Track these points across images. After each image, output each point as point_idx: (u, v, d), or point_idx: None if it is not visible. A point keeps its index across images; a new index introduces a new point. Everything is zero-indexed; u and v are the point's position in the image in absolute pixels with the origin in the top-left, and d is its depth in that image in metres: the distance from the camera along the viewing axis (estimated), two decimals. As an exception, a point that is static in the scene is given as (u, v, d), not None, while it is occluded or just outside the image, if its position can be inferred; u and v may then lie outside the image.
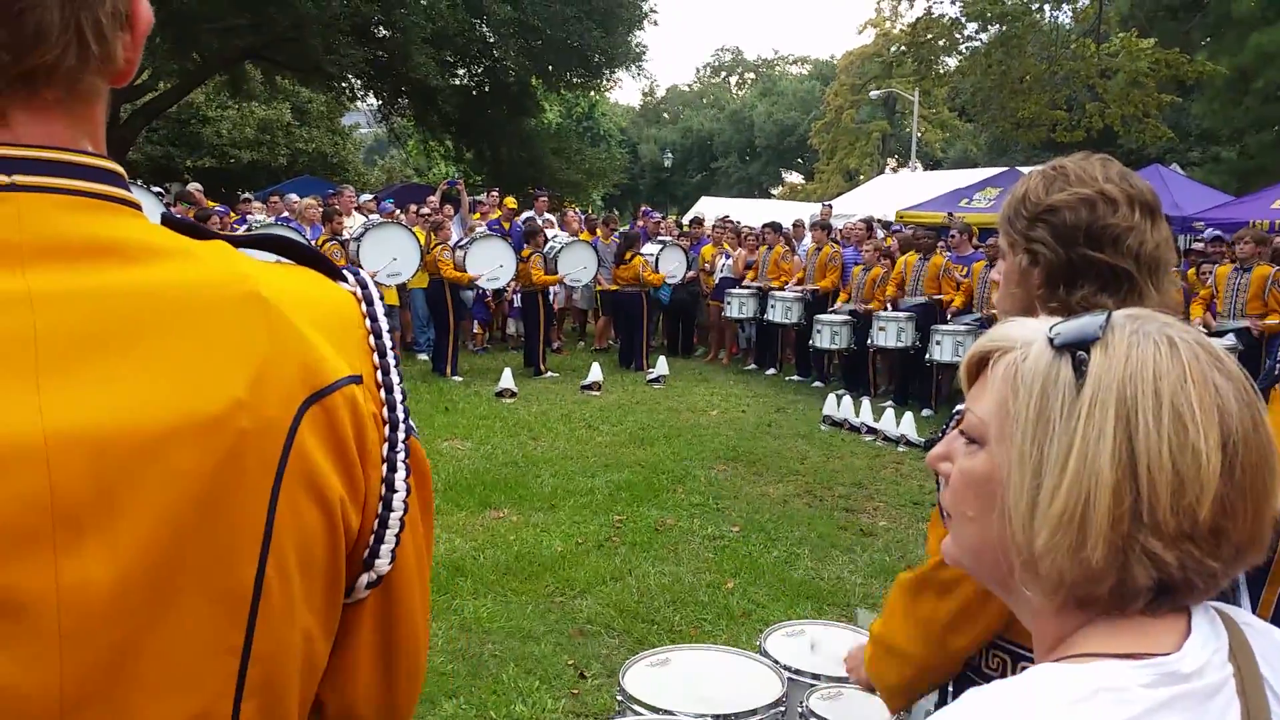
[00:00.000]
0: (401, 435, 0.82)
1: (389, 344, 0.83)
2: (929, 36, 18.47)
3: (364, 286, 0.85)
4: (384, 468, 0.81)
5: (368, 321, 0.83)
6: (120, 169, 0.74)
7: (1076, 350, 0.78)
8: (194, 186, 12.87)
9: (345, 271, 0.86)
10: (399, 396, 0.83)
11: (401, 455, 0.82)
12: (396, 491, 0.81)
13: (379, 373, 0.82)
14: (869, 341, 10.26)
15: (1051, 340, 0.80)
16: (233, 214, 12.25)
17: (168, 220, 0.77)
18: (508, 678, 3.99)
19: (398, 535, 0.82)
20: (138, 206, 0.74)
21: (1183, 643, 0.76)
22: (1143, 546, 0.75)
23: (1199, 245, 11.32)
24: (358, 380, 0.79)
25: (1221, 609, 0.83)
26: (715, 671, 2.53)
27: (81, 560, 0.65)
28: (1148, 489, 0.74)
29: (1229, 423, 0.75)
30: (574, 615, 4.63)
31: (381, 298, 0.86)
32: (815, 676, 2.46)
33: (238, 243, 0.80)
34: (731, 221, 14.22)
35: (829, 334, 10.59)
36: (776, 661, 2.52)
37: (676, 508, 6.31)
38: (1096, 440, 0.75)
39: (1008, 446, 0.80)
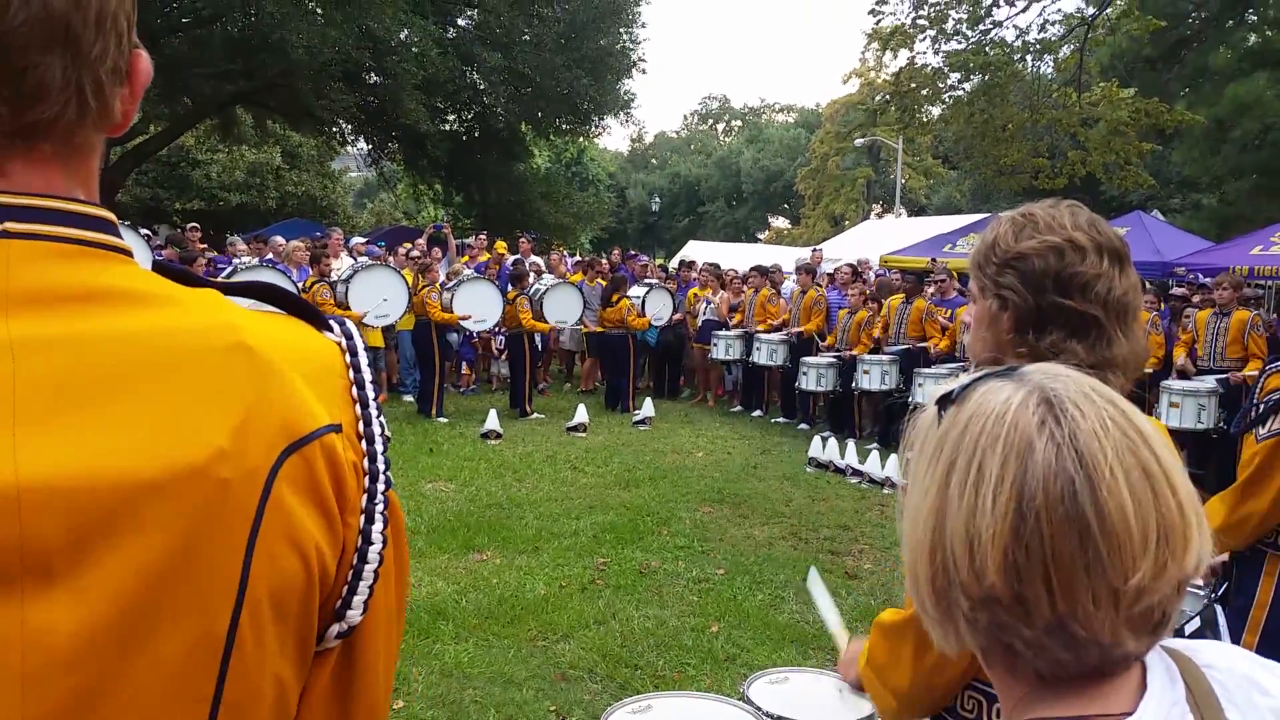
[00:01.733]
0: (381, 486, 0.82)
1: (371, 395, 0.83)
2: (913, 86, 18.75)
3: (349, 337, 0.85)
4: (361, 518, 0.80)
5: (351, 372, 0.83)
6: (112, 216, 0.75)
7: (942, 408, 0.79)
8: (190, 227, 12.93)
9: (331, 321, 0.86)
10: (380, 447, 0.82)
11: (380, 506, 0.81)
12: (373, 543, 0.81)
13: (360, 423, 0.82)
14: (853, 384, 10.30)
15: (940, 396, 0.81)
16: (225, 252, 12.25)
17: (159, 267, 0.77)
18: (488, 723, 3.93)
19: (371, 586, 0.81)
20: (129, 253, 0.74)
21: (1138, 701, 0.75)
22: (957, 605, 0.74)
23: (1180, 291, 11.44)
24: (337, 429, 0.79)
25: (1179, 651, 0.81)
26: (697, 718, 2.50)
27: (50, 605, 0.64)
28: (950, 547, 0.74)
29: (1030, 487, 0.71)
30: (557, 660, 4.57)
31: (366, 347, 0.87)
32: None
33: (227, 290, 0.80)
34: (716, 266, 14.29)
35: (815, 376, 10.64)
36: (759, 709, 2.48)
37: (661, 550, 6.28)
38: (922, 496, 0.77)
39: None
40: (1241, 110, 19.88)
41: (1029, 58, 18.82)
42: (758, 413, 11.84)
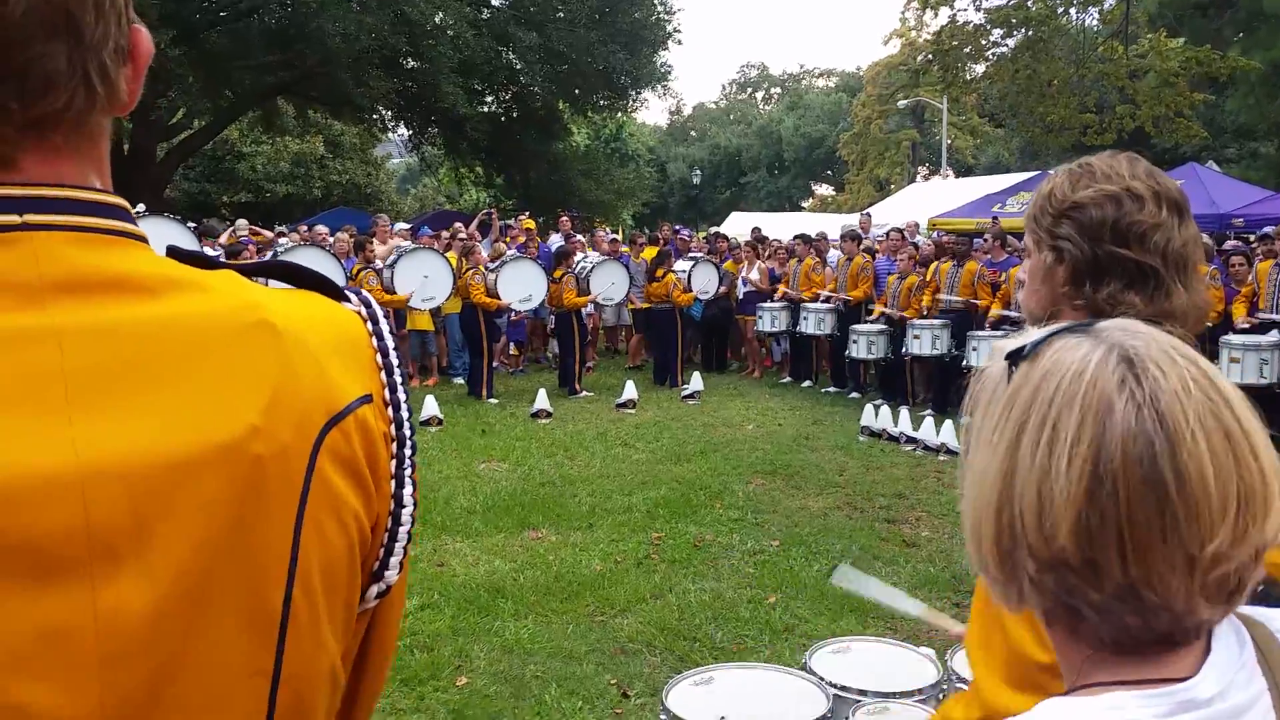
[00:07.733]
0: (409, 451, 0.84)
1: (395, 362, 0.85)
2: (954, 44, 18.34)
3: (368, 305, 0.87)
4: (392, 484, 0.83)
5: (374, 340, 0.85)
6: (125, 203, 0.76)
7: (1013, 363, 0.77)
8: (242, 223, 13.17)
9: (348, 292, 0.88)
10: (405, 414, 0.85)
11: (409, 471, 0.84)
12: (405, 506, 0.84)
13: (387, 390, 0.84)
14: (904, 350, 10.19)
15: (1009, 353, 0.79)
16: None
17: (172, 252, 0.78)
18: (550, 699, 3.98)
19: (405, 547, 0.85)
20: (145, 239, 0.75)
21: (1201, 664, 0.73)
22: (1022, 566, 0.73)
23: (1233, 244, 11.12)
24: (368, 400, 0.81)
25: (1251, 617, 0.79)
26: (759, 689, 2.50)
27: (118, 588, 0.66)
28: (1019, 508, 0.73)
29: (1108, 448, 0.69)
30: (615, 634, 4.61)
31: (387, 315, 0.88)
32: (861, 693, 2.43)
33: (244, 271, 0.82)
34: (760, 235, 14.17)
35: (865, 344, 10.55)
36: (821, 678, 2.48)
37: (715, 523, 6.28)
38: (990, 455, 0.75)
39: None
40: (1300, 53, 19.20)
41: (1073, 10, 18.34)
42: (807, 383, 11.77)
